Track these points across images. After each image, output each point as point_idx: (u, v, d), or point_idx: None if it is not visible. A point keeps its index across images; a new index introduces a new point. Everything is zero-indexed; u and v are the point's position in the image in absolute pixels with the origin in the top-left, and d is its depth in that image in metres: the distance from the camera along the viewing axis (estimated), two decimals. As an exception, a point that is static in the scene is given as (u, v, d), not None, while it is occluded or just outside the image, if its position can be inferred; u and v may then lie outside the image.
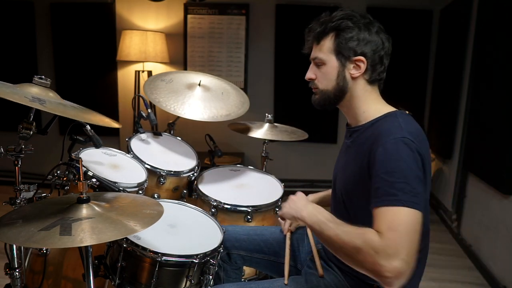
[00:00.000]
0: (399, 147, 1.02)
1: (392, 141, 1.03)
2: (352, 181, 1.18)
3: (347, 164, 1.24)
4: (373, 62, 1.18)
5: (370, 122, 1.19)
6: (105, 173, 1.61)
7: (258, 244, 1.51)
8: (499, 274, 2.45)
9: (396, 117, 1.14)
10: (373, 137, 1.11)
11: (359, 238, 0.95)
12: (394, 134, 1.05)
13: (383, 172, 1.01)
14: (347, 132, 1.29)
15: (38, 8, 3.92)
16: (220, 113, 2.01)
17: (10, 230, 0.95)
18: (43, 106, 1.03)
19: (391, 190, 0.97)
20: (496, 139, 2.51)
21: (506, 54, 2.42)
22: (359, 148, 1.17)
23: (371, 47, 1.17)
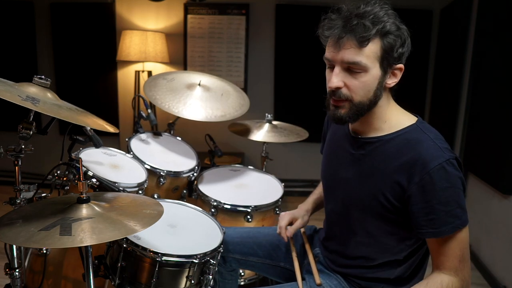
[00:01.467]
0: (447, 173, 0.99)
1: (438, 167, 0.99)
2: (369, 197, 1.11)
3: (360, 178, 1.14)
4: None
5: (390, 134, 1.09)
6: (105, 173, 1.61)
7: (251, 247, 1.47)
8: (499, 274, 2.45)
9: (423, 132, 1.06)
10: (405, 157, 1.03)
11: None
12: (437, 158, 0.99)
13: (438, 202, 1.00)
14: (354, 141, 1.16)
15: (38, 8, 3.92)
16: (215, 114, 2.01)
17: (10, 230, 0.95)
18: (35, 106, 1.01)
19: (449, 219, 1.00)
20: (496, 139, 2.51)
21: (506, 54, 2.42)
22: (380, 165, 1.08)
23: (407, 53, 1.06)
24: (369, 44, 1.00)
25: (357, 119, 1.09)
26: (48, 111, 1.03)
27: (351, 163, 1.17)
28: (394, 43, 1.01)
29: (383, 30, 1.00)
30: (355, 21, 0.99)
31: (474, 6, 2.99)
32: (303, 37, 3.83)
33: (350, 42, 1.00)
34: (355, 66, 1.01)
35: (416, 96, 3.89)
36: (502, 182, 2.41)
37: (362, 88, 1.03)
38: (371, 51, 1.00)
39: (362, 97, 1.04)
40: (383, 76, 1.04)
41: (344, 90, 1.04)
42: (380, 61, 1.02)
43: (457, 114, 3.21)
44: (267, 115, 2.31)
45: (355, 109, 1.06)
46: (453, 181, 1.00)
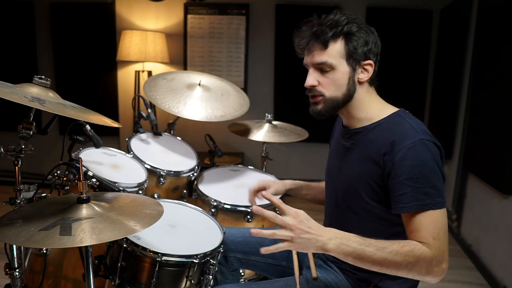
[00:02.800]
0: (418, 151, 1.06)
1: (410, 145, 1.06)
2: (357, 182, 1.18)
3: (349, 165, 1.23)
4: (376, 64, 1.19)
5: (374, 123, 1.19)
6: (105, 173, 1.61)
7: (254, 246, 1.47)
8: (499, 274, 2.45)
9: (403, 118, 1.16)
10: (383, 139, 1.12)
11: (410, 256, 1.01)
12: (410, 137, 1.07)
13: (407, 178, 1.05)
14: (345, 134, 1.27)
15: (38, 8, 3.92)
16: (215, 114, 2.01)
17: (10, 230, 0.95)
18: (42, 106, 1.03)
19: (417, 195, 1.04)
20: (496, 139, 2.51)
21: (506, 54, 2.42)
22: (365, 150, 1.18)
23: (376, 50, 1.18)
24: (330, 45, 1.15)
25: (334, 112, 1.22)
26: (55, 110, 1.04)
27: (343, 154, 1.27)
28: (357, 43, 1.15)
29: (342, 32, 1.14)
30: (315, 28, 1.16)
31: (474, 6, 2.99)
32: (303, 37, 3.83)
33: (316, 45, 1.17)
34: (323, 66, 1.16)
35: (416, 96, 3.89)
36: (502, 182, 2.41)
37: (333, 84, 1.17)
38: (335, 51, 1.15)
39: (333, 92, 1.18)
40: (353, 72, 1.17)
41: (318, 88, 1.19)
42: (346, 58, 1.15)
43: (457, 114, 3.21)
44: (267, 115, 2.31)
45: (329, 103, 1.19)
46: (424, 159, 1.05)
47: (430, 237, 1.03)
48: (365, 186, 1.16)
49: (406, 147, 1.06)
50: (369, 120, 1.20)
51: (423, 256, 1.01)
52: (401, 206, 1.06)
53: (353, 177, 1.20)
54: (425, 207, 1.04)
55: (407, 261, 1.01)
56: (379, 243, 1.03)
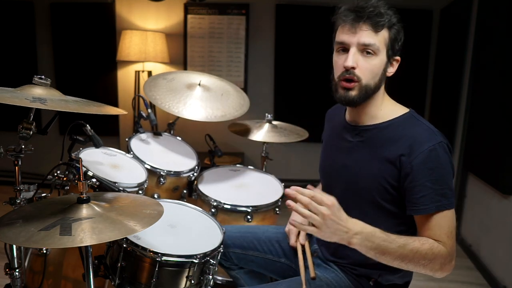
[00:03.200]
0: (439, 154, 1.08)
1: (431, 148, 1.08)
2: (368, 181, 1.17)
3: (359, 163, 1.20)
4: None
5: (386, 122, 1.18)
6: (105, 173, 1.61)
7: (251, 241, 1.49)
8: (499, 274, 2.45)
9: (418, 119, 1.16)
10: (401, 141, 1.11)
11: (429, 254, 1.04)
12: (430, 140, 1.09)
13: (428, 180, 1.07)
14: (352, 129, 1.24)
15: (38, 8, 3.92)
16: (215, 114, 2.01)
17: (10, 230, 0.95)
18: (44, 105, 1.03)
19: (438, 197, 1.07)
20: (496, 139, 2.51)
21: (506, 54, 2.42)
22: (378, 149, 1.16)
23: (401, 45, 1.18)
24: (382, 30, 1.11)
25: (363, 102, 1.16)
26: (57, 107, 1.05)
27: (349, 150, 1.24)
28: (397, 35, 1.14)
29: (391, 21, 1.12)
30: (371, 8, 1.11)
31: (474, 6, 2.99)
32: (303, 37, 3.83)
33: (367, 25, 1.10)
34: (370, 48, 1.11)
35: (416, 96, 3.89)
36: (502, 182, 2.41)
37: (371, 71, 1.12)
38: (383, 37, 1.12)
39: (369, 80, 1.13)
40: (387, 63, 1.15)
41: (357, 71, 1.12)
42: (387, 49, 1.13)
43: (457, 114, 3.21)
44: (267, 115, 2.31)
45: (364, 90, 1.13)
46: (443, 162, 1.08)
47: (445, 236, 1.07)
48: (377, 185, 1.15)
49: (426, 150, 1.07)
50: (381, 118, 1.19)
51: (440, 254, 1.05)
52: (422, 208, 1.08)
53: (365, 176, 1.18)
54: (442, 207, 1.07)
55: (425, 259, 1.04)
56: (401, 240, 1.04)
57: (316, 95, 3.45)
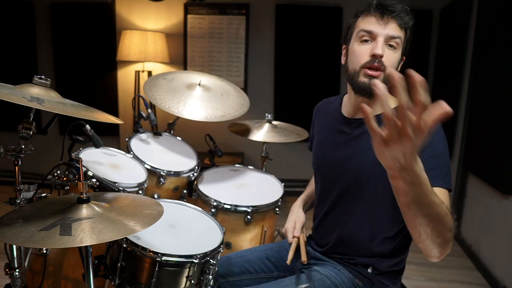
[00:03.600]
0: (439, 133, 1.11)
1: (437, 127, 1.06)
2: (373, 166, 1.03)
3: (361, 152, 1.20)
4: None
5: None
6: (105, 173, 1.61)
7: (241, 265, 1.47)
8: (499, 274, 2.45)
9: None
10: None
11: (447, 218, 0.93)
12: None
13: (432, 156, 1.07)
14: (352, 123, 1.26)
15: (38, 8, 3.92)
16: (215, 114, 2.01)
17: (10, 230, 0.95)
18: (41, 105, 1.02)
19: (442, 173, 1.07)
20: (496, 139, 2.51)
21: (506, 54, 2.42)
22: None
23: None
24: (406, 28, 1.17)
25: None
26: (54, 109, 1.04)
27: (348, 142, 1.25)
28: (409, 37, 1.18)
29: (412, 23, 1.17)
30: (400, 7, 1.15)
31: (474, 6, 2.99)
32: (303, 37, 3.83)
33: (395, 20, 1.15)
34: (395, 41, 1.15)
35: (416, 96, 3.89)
36: (502, 182, 2.42)
37: (392, 63, 1.16)
38: (404, 35, 1.17)
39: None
40: (400, 60, 1.19)
41: (383, 60, 1.15)
42: (403, 46, 1.18)
43: (457, 114, 3.21)
44: (267, 115, 2.31)
45: (385, 81, 1.13)
46: (443, 141, 1.12)
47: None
48: (381, 169, 1.09)
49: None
50: (379, 110, 1.17)
51: (449, 227, 0.94)
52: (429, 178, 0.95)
53: (367, 163, 1.16)
54: (447, 185, 1.07)
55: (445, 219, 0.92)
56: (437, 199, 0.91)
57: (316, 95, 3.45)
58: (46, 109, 1.02)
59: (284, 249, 1.48)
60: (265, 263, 1.47)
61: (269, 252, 1.50)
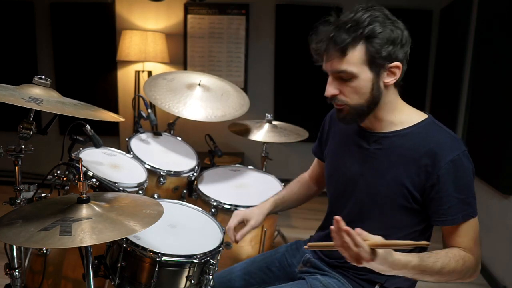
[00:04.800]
0: (464, 163, 1.08)
1: (456, 158, 1.07)
2: (388, 190, 1.13)
3: (378, 172, 1.15)
4: (404, 63, 1.09)
5: (405, 129, 1.13)
6: (105, 173, 1.61)
7: (242, 278, 1.43)
8: (499, 274, 2.45)
9: (438, 125, 1.14)
10: (424, 149, 1.08)
11: (464, 268, 1.05)
12: (456, 149, 1.08)
13: (454, 190, 1.06)
14: (368, 136, 1.19)
15: (38, 8, 3.92)
16: (215, 114, 2.01)
17: (10, 230, 0.95)
18: (39, 105, 1.02)
19: (464, 206, 1.07)
20: (496, 139, 2.51)
21: (506, 54, 2.42)
22: (399, 157, 1.12)
23: (403, 48, 1.07)
24: (349, 52, 1.04)
25: (362, 119, 1.15)
26: (53, 109, 1.03)
27: (366, 158, 1.19)
28: (380, 46, 1.03)
29: (363, 35, 1.03)
30: (332, 33, 1.05)
31: (474, 6, 2.99)
32: (303, 37, 3.81)
33: (333, 52, 1.06)
34: (342, 75, 1.07)
35: (416, 96, 3.89)
36: (502, 182, 2.41)
37: (356, 93, 1.09)
38: (355, 58, 1.05)
39: (358, 100, 1.10)
40: (376, 77, 1.08)
41: (340, 96, 1.11)
42: (368, 64, 1.05)
43: (457, 114, 3.21)
44: (267, 115, 2.31)
45: (354, 111, 1.11)
46: (467, 171, 1.09)
47: (472, 243, 1.08)
48: (401, 191, 1.11)
49: (452, 159, 1.06)
50: (399, 125, 1.14)
51: (471, 265, 1.06)
52: (450, 218, 1.07)
53: (384, 184, 1.14)
54: (468, 216, 1.07)
55: (460, 273, 1.05)
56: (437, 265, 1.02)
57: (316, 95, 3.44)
58: (44, 110, 1.01)
59: (283, 255, 1.45)
60: (265, 273, 1.43)
61: (268, 261, 1.45)
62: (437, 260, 1.02)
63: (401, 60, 1.08)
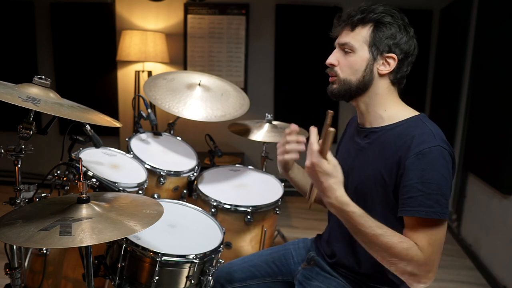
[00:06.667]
0: (434, 157, 1.03)
1: (426, 150, 1.04)
2: (371, 182, 1.16)
3: (364, 165, 1.20)
4: (402, 63, 1.16)
5: (393, 124, 1.16)
6: (105, 173, 1.61)
7: (248, 270, 1.45)
8: (499, 274, 2.45)
9: (423, 122, 1.13)
10: (401, 142, 1.10)
11: (404, 253, 1.00)
12: (428, 142, 1.05)
13: (418, 182, 1.03)
14: (361, 132, 1.25)
15: (38, 8, 3.92)
16: (215, 114, 2.01)
17: (10, 230, 0.95)
18: (36, 106, 1.01)
19: (427, 201, 1.01)
20: (496, 139, 2.51)
21: (506, 54, 2.42)
22: (381, 151, 1.15)
23: (405, 48, 1.15)
24: (357, 28, 1.15)
25: (347, 98, 1.21)
26: (49, 111, 1.03)
27: (358, 152, 1.25)
28: (383, 33, 1.13)
29: (372, 18, 1.14)
30: (352, 13, 1.16)
31: (474, 6, 2.99)
32: (303, 37, 3.83)
33: (346, 27, 1.18)
34: (346, 47, 1.16)
35: (416, 96, 3.89)
36: (502, 182, 2.41)
37: (349, 67, 1.17)
38: (360, 35, 1.15)
39: (348, 75, 1.17)
40: (372, 60, 1.15)
41: (336, 68, 1.19)
42: (369, 45, 1.15)
43: (457, 114, 3.21)
44: (267, 115, 2.31)
45: (342, 84, 1.18)
46: (438, 166, 1.03)
47: (425, 242, 1.01)
48: (382, 184, 1.13)
49: (421, 151, 1.04)
50: (387, 120, 1.18)
51: (414, 259, 1.00)
52: (409, 209, 1.03)
53: (367, 178, 1.17)
54: (434, 214, 1.01)
55: (397, 257, 1.00)
56: (379, 230, 1.00)
57: (316, 95, 3.45)
58: (41, 110, 1.01)
59: (289, 252, 1.47)
60: (271, 267, 1.45)
61: (275, 255, 1.47)
62: (380, 227, 1.00)
63: (399, 56, 1.15)
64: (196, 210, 1.56)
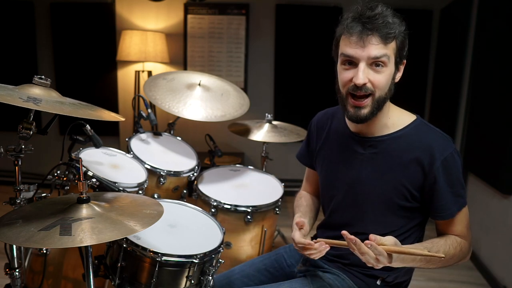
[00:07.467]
0: (455, 159, 1.13)
1: (449, 156, 1.12)
2: (389, 191, 1.16)
3: (376, 174, 1.18)
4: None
5: (398, 131, 1.17)
6: (105, 173, 1.61)
7: (241, 281, 1.42)
8: (499, 274, 2.45)
9: (427, 125, 1.19)
10: (418, 150, 1.13)
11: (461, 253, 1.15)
12: (447, 148, 1.13)
13: (448, 185, 1.13)
14: (363, 141, 1.20)
15: (38, 8, 3.92)
16: (215, 114, 2.01)
17: (10, 230, 0.95)
18: (37, 105, 1.01)
19: (456, 198, 1.14)
20: (496, 139, 2.51)
21: (506, 54, 2.42)
22: (395, 160, 1.15)
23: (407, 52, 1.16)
24: (391, 41, 1.07)
25: (374, 116, 1.13)
26: (51, 109, 1.03)
27: (362, 163, 1.21)
28: (404, 42, 1.12)
29: (400, 30, 1.09)
30: (380, 20, 1.05)
31: (474, 6, 2.99)
32: (303, 37, 3.83)
33: (377, 38, 1.05)
34: (380, 61, 1.06)
35: (416, 96, 3.89)
36: (502, 182, 2.41)
37: (384, 83, 1.09)
38: (392, 48, 1.08)
39: (382, 92, 1.10)
40: (394, 72, 1.12)
41: (369, 85, 1.08)
42: (395, 58, 1.10)
43: (457, 114, 3.21)
44: (267, 115, 2.31)
45: (376, 104, 1.11)
46: (458, 166, 1.15)
47: (465, 230, 1.17)
48: (398, 194, 1.16)
49: (445, 158, 1.12)
50: (391, 127, 1.17)
51: (465, 249, 1.16)
52: (449, 212, 1.15)
53: (384, 187, 1.17)
54: (462, 206, 1.15)
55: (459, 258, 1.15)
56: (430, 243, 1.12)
57: (316, 95, 3.46)
58: (42, 109, 1.01)
59: (281, 256, 1.46)
60: (264, 275, 1.43)
61: (267, 262, 1.45)
62: (438, 249, 1.09)
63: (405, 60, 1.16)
64: (196, 210, 1.56)
